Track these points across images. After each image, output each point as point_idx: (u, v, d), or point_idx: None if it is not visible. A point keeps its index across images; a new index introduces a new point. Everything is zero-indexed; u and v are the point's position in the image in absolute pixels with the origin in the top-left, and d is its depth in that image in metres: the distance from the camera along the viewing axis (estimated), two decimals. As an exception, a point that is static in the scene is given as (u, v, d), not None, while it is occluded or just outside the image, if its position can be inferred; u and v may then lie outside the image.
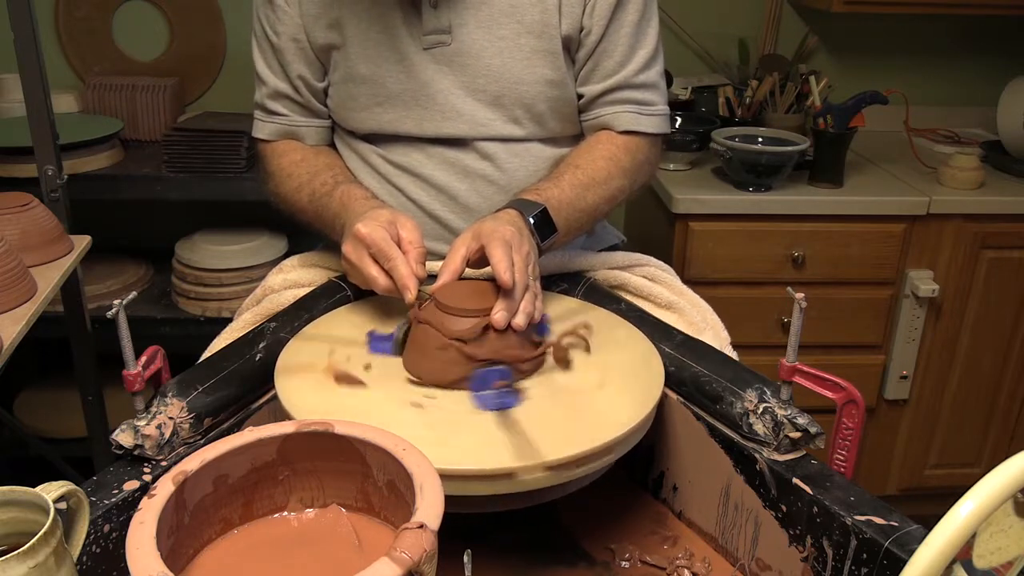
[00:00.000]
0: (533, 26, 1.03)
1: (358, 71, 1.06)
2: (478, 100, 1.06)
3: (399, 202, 1.10)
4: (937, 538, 0.47)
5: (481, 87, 1.05)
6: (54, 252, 1.27)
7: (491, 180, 1.08)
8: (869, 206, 1.82)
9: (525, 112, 1.07)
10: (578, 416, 0.79)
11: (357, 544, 0.63)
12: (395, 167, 1.10)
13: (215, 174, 1.74)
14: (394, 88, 1.06)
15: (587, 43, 1.05)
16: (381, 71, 1.05)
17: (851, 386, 0.79)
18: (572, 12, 1.03)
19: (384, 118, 1.08)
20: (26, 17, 1.33)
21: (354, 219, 0.92)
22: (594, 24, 1.04)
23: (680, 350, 0.91)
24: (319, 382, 0.81)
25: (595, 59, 1.06)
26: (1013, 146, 2.01)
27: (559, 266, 1.09)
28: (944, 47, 2.24)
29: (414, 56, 1.04)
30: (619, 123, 1.08)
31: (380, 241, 0.87)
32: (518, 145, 1.09)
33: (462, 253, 0.87)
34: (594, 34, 1.05)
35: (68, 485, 0.57)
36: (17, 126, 1.63)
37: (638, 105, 1.09)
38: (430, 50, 1.04)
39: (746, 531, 0.81)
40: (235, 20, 2.02)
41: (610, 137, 1.09)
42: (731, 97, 2.12)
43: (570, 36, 1.05)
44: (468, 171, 1.08)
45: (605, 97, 1.08)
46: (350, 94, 1.08)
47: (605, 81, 1.07)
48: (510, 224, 0.90)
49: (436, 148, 1.08)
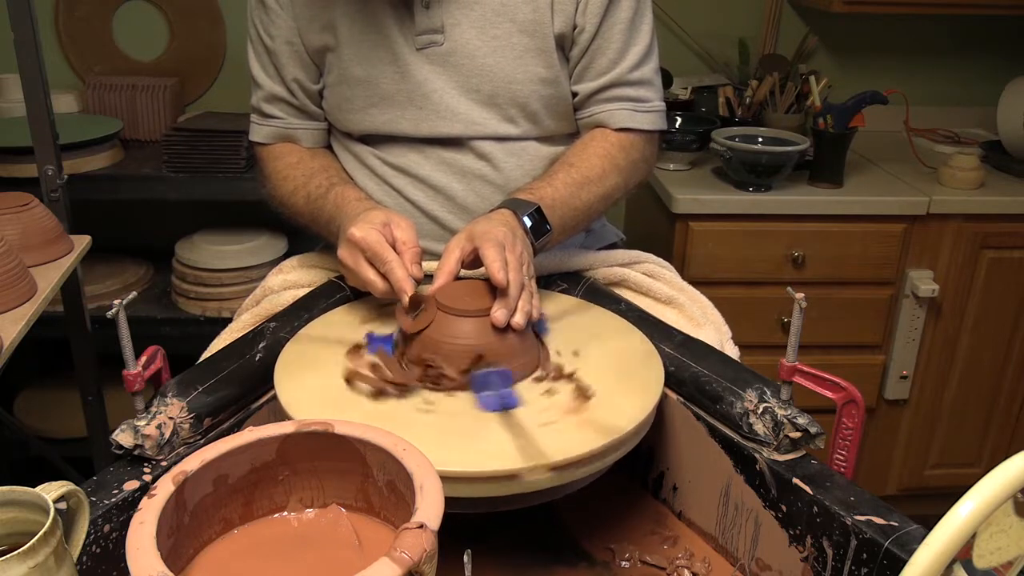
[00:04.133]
0: (526, 25, 1.03)
1: (352, 73, 1.06)
2: (472, 99, 1.06)
3: (397, 203, 1.10)
4: (937, 538, 0.47)
5: (475, 86, 1.05)
6: (54, 252, 1.27)
7: (488, 180, 1.08)
8: (869, 206, 1.82)
9: (520, 111, 1.07)
10: (580, 416, 0.79)
11: (357, 544, 0.63)
12: (392, 168, 1.10)
13: (215, 174, 1.74)
14: (388, 89, 1.06)
15: (580, 41, 1.05)
16: (375, 72, 1.05)
17: (851, 386, 0.79)
18: (565, 10, 1.03)
19: (380, 119, 1.08)
20: (26, 17, 1.33)
21: (348, 222, 0.92)
22: (587, 22, 1.04)
23: (680, 350, 0.91)
24: (323, 390, 0.80)
25: (589, 56, 1.06)
26: (1013, 146, 2.01)
27: (558, 265, 1.09)
28: (944, 47, 2.24)
29: (407, 57, 1.04)
30: (614, 120, 1.08)
31: (375, 244, 0.87)
32: (514, 144, 1.09)
33: (456, 255, 0.87)
34: (587, 32, 1.05)
35: (68, 485, 0.57)
36: (17, 126, 1.63)
37: (633, 102, 1.09)
38: (423, 50, 1.04)
39: (746, 531, 0.81)
40: (235, 20, 2.02)
41: (604, 135, 1.08)
42: (731, 97, 2.12)
43: (563, 34, 1.05)
44: (465, 171, 1.08)
45: (600, 95, 1.08)
46: (345, 96, 1.08)
47: (599, 79, 1.07)
48: (503, 224, 0.90)
49: (433, 148, 1.08)
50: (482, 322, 0.83)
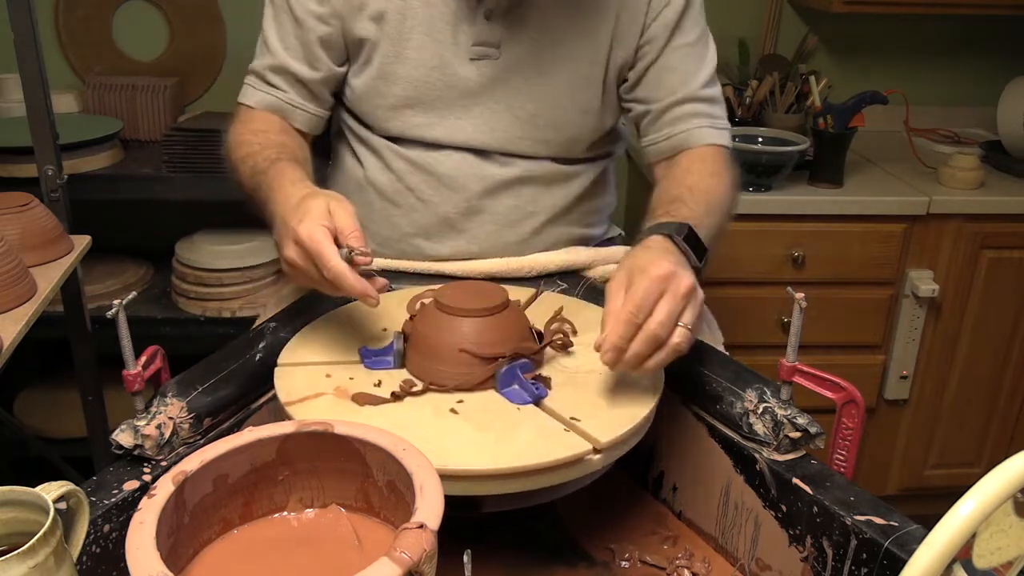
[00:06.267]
0: (583, 53, 1.03)
1: (394, 70, 1.03)
2: (514, 116, 1.05)
3: (409, 202, 1.09)
4: (937, 538, 0.47)
5: (520, 105, 1.04)
6: (54, 252, 1.27)
7: (507, 185, 1.08)
8: (869, 206, 1.82)
9: (556, 135, 1.06)
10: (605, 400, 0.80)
11: (357, 544, 0.63)
12: (410, 164, 1.08)
13: (215, 174, 1.74)
14: (429, 94, 1.04)
15: (641, 65, 1.05)
16: (419, 74, 1.03)
17: (851, 386, 0.79)
18: (626, 43, 1.03)
19: (413, 121, 1.06)
20: (26, 17, 1.33)
21: (285, 211, 0.84)
22: (651, 48, 1.04)
23: (680, 350, 0.91)
24: (335, 404, 0.79)
25: (657, 75, 1.05)
26: (1013, 146, 2.01)
27: (559, 263, 1.09)
28: (944, 47, 2.24)
29: (458, 66, 1.03)
30: (700, 137, 1.06)
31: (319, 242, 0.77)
32: (538, 162, 1.08)
33: (620, 299, 0.77)
34: (649, 56, 1.04)
35: (68, 485, 0.57)
36: (17, 126, 1.62)
37: (711, 118, 1.07)
38: (476, 61, 1.02)
39: (746, 531, 0.81)
40: (235, 20, 2.02)
41: (701, 157, 1.06)
42: (731, 97, 2.11)
43: (623, 65, 1.04)
44: (485, 175, 1.07)
45: (675, 110, 1.06)
46: (379, 91, 1.05)
47: (673, 95, 1.06)
48: (666, 253, 0.80)
49: (459, 152, 1.07)
50: (482, 322, 0.83)
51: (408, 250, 1.12)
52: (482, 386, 0.81)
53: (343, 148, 1.17)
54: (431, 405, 0.79)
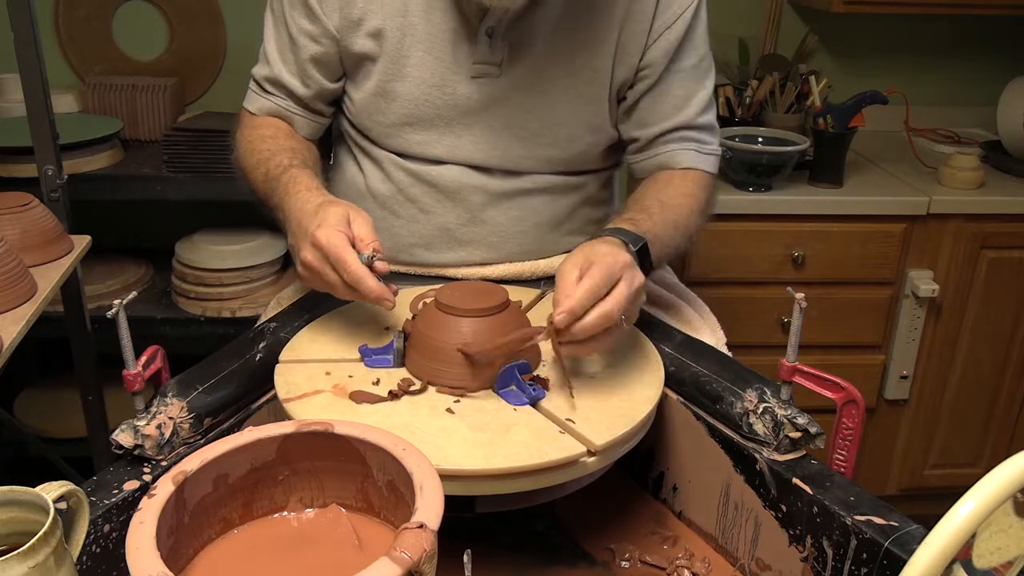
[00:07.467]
0: (585, 71, 1.02)
1: (393, 88, 1.03)
2: (516, 135, 1.04)
3: (410, 213, 1.09)
4: (937, 538, 0.47)
5: (522, 124, 1.03)
6: (54, 252, 1.27)
7: (510, 196, 1.07)
8: (869, 206, 1.82)
9: (561, 151, 1.06)
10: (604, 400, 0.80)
11: (357, 544, 0.63)
12: (411, 176, 1.07)
13: (215, 174, 1.74)
14: (429, 112, 1.03)
15: (640, 87, 1.04)
16: (418, 92, 1.02)
17: (851, 386, 0.79)
18: (628, 61, 1.02)
19: (413, 138, 1.05)
20: (26, 17, 1.33)
21: (302, 216, 0.86)
22: (652, 71, 1.03)
23: (680, 350, 0.91)
24: (333, 402, 0.79)
25: (651, 100, 1.05)
26: (1013, 146, 2.01)
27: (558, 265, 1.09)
28: (944, 47, 2.24)
29: (458, 84, 1.02)
30: (680, 160, 1.06)
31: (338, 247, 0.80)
32: (542, 175, 1.08)
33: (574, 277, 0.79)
34: (650, 79, 1.04)
35: (68, 485, 0.57)
36: (17, 126, 1.62)
37: (698, 143, 1.07)
38: (477, 79, 1.01)
39: (746, 531, 0.81)
40: (235, 20, 2.02)
41: (684, 175, 1.06)
42: (731, 97, 2.11)
43: (623, 83, 1.04)
44: (487, 188, 1.07)
45: (664, 137, 1.07)
46: (379, 108, 1.05)
47: (663, 123, 1.06)
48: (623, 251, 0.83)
49: (460, 167, 1.06)
50: (482, 322, 0.83)
51: (408, 260, 1.12)
52: (480, 386, 0.81)
53: (344, 154, 1.17)
54: (428, 404, 0.79)
